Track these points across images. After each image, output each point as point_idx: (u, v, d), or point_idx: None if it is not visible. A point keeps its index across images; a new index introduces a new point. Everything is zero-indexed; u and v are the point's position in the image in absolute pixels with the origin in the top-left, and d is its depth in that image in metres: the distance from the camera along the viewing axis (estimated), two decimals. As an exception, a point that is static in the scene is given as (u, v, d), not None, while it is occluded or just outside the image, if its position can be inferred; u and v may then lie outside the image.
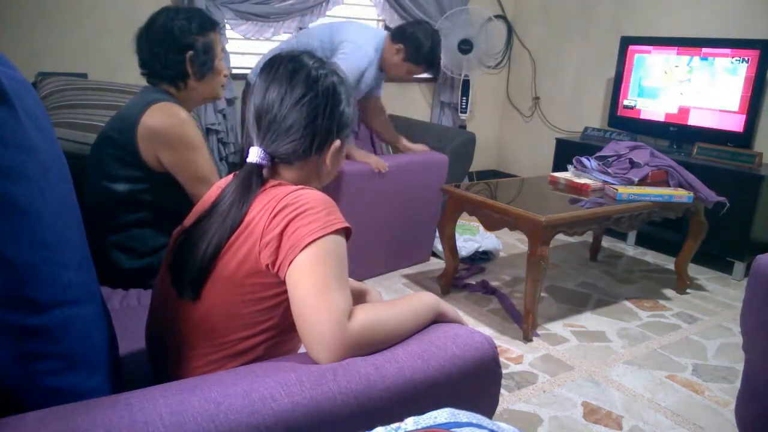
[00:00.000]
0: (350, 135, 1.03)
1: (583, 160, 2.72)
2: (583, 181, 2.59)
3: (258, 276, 0.87)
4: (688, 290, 2.77)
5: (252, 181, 0.92)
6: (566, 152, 3.49)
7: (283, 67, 0.94)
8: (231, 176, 0.99)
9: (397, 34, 2.50)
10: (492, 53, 4.15)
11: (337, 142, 0.98)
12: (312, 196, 0.88)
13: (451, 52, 3.89)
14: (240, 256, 0.87)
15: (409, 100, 4.12)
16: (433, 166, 2.75)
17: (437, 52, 2.54)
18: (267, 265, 0.86)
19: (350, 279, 1.01)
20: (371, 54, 2.48)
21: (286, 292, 0.86)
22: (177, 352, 0.93)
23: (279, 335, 0.92)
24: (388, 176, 2.56)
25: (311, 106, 0.93)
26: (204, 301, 0.90)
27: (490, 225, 2.33)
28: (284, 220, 0.85)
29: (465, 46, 3.88)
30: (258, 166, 0.93)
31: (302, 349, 0.90)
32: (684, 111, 3.26)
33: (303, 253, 0.83)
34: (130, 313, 1.30)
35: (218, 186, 1.01)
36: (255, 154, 0.94)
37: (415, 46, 2.46)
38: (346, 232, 0.89)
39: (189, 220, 0.98)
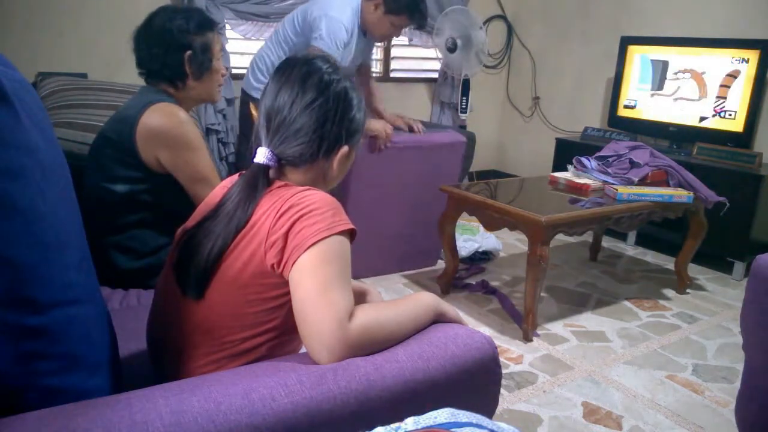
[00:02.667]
0: (359, 141, 1.03)
1: (583, 160, 2.72)
2: (583, 181, 2.59)
3: (262, 276, 0.87)
4: (688, 290, 2.76)
5: (258, 181, 0.92)
6: (566, 152, 3.49)
7: (296, 70, 0.95)
8: (236, 176, 0.99)
9: None
10: (490, 53, 4.15)
11: (345, 148, 0.98)
12: (318, 197, 0.89)
13: (444, 52, 3.90)
14: (245, 257, 0.87)
15: (409, 100, 4.12)
16: (449, 148, 2.73)
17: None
18: (272, 266, 0.86)
19: (351, 279, 1.01)
20: (349, 22, 2.36)
21: (290, 292, 0.86)
22: (178, 351, 0.93)
23: (281, 336, 0.92)
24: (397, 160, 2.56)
25: (321, 111, 0.93)
26: (207, 300, 0.90)
27: (490, 225, 2.33)
28: (290, 220, 0.86)
29: (450, 46, 3.88)
30: (264, 167, 0.94)
31: (303, 350, 0.90)
32: (684, 111, 3.26)
33: (307, 253, 0.83)
34: (130, 313, 1.30)
35: (223, 186, 1.01)
36: (262, 155, 0.94)
37: None
38: (350, 234, 0.89)
39: (193, 220, 0.98)
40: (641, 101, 3.46)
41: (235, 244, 0.88)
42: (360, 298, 1.18)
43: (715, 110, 3.12)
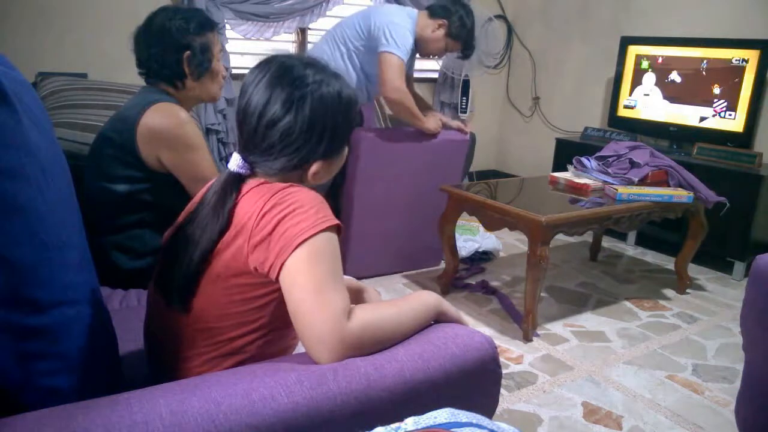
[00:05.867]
0: (344, 148, 0.97)
1: (583, 160, 2.72)
2: (583, 181, 2.59)
3: (246, 276, 0.86)
4: (688, 290, 2.76)
5: (227, 189, 0.89)
6: (566, 152, 3.49)
7: (270, 73, 0.90)
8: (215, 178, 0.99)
9: (439, 10, 2.56)
10: (492, 53, 4.15)
11: (318, 164, 0.93)
12: (301, 195, 0.87)
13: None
14: (227, 257, 0.86)
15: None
16: (451, 146, 2.73)
17: (474, 33, 2.62)
18: (255, 267, 0.85)
19: (347, 277, 1.00)
20: (412, 32, 2.51)
21: (275, 291, 0.86)
22: (173, 354, 0.93)
23: (270, 334, 0.92)
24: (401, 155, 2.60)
25: (287, 130, 0.88)
26: (195, 304, 0.89)
27: (490, 225, 2.33)
28: (273, 220, 0.84)
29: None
30: (236, 174, 0.91)
31: (301, 348, 0.90)
32: (684, 111, 3.26)
33: (295, 254, 0.82)
34: (130, 313, 1.30)
35: (208, 188, 0.99)
36: (235, 163, 0.92)
37: (459, 22, 2.54)
38: (337, 230, 0.88)
39: (180, 218, 0.98)
40: (641, 101, 3.46)
41: (217, 247, 0.87)
42: (357, 295, 1.18)
43: (715, 110, 3.12)
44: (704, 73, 3.15)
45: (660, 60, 3.35)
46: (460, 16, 2.55)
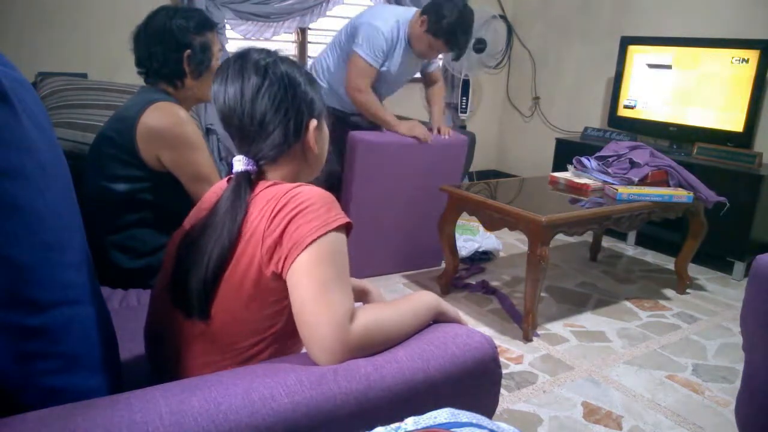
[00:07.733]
0: (323, 112, 1.00)
1: (583, 160, 2.72)
2: (583, 181, 2.59)
3: (262, 281, 0.86)
4: (688, 290, 2.76)
5: (241, 190, 0.90)
6: (566, 152, 3.49)
7: (231, 68, 0.92)
8: (224, 181, 0.98)
9: (426, 6, 2.45)
10: (493, 53, 4.15)
11: (314, 122, 0.95)
12: (311, 193, 0.87)
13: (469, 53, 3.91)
14: (244, 264, 0.86)
15: (409, 100, 4.11)
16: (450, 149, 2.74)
17: (461, 29, 2.41)
18: (270, 268, 0.85)
19: (351, 278, 1.00)
20: (391, 33, 2.46)
21: (288, 297, 0.85)
22: (179, 360, 0.92)
23: (284, 341, 0.91)
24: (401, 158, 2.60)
25: (271, 94, 0.91)
26: (211, 311, 0.88)
27: (490, 225, 2.33)
28: (285, 219, 0.84)
29: (480, 45, 3.88)
30: (245, 174, 0.92)
31: (302, 350, 0.89)
32: (684, 111, 3.26)
33: (304, 253, 0.82)
34: (130, 313, 1.30)
35: (214, 192, 0.99)
36: (240, 163, 0.92)
37: (436, 16, 2.37)
38: (346, 228, 0.88)
39: (188, 224, 0.97)
40: (641, 101, 3.46)
41: (231, 254, 0.87)
42: (361, 297, 1.18)
43: (714, 110, 3.12)
44: (704, 72, 3.15)
45: (660, 60, 3.34)
46: (439, 9, 2.36)
